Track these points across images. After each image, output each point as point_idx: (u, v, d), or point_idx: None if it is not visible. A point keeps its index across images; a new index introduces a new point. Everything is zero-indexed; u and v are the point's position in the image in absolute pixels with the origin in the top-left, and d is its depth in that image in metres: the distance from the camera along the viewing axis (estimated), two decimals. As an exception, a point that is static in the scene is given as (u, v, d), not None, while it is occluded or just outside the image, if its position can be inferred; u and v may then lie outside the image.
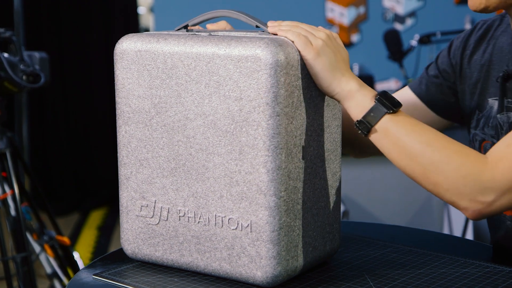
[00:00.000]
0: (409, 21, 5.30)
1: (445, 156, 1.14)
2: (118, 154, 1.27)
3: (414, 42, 3.68)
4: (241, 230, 1.15)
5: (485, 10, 1.27)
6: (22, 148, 4.04)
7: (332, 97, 1.19)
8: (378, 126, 1.16)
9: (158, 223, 1.23)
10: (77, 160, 4.85)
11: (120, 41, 1.24)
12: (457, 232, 3.22)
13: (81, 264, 2.68)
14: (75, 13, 4.79)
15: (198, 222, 1.19)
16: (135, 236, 1.26)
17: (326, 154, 1.22)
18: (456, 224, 3.28)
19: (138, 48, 1.21)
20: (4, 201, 2.42)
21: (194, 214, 1.20)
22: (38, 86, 2.42)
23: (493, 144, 1.35)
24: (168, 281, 1.19)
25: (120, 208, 1.28)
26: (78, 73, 4.83)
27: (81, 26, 4.80)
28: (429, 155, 1.14)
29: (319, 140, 1.20)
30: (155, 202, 1.23)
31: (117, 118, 1.25)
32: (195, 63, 1.16)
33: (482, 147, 1.39)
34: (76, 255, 2.68)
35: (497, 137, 1.36)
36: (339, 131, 1.25)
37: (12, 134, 2.50)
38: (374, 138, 1.17)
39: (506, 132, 1.33)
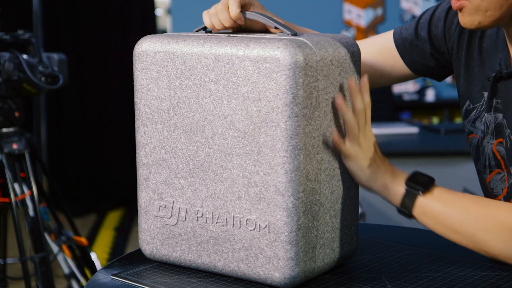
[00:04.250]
0: (427, 23, 5.25)
1: (482, 227, 1.18)
2: (136, 155, 1.27)
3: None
4: (259, 231, 1.15)
5: (478, 28, 1.22)
6: (40, 149, 4.07)
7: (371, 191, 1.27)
8: (415, 209, 1.21)
9: (176, 224, 1.24)
10: (94, 161, 4.87)
11: (139, 42, 1.24)
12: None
13: (98, 265, 2.69)
14: (93, 15, 4.82)
15: (216, 222, 1.19)
16: (153, 236, 1.27)
17: (344, 155, 1.21)
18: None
19: (157, 49, 1.21)
20: (23, 201, 2.43)
21: (212, 215, 1.20)
22: (56, 87, 2.43)
23: (480, 138, 1.33)
24: (186, 282, 1.19)
25: (138, 208, 1.28)
26: (95, 74, 4.86)
27: (98, 28, 4.83)
28: (467, 227, 1.19)
29: (338, 142, 1.20)
30: (173, 203, 1.24)
31: (136, 118, 1.26)
32: (214, 64, 1.16)
33: (469, 139, 1.38)
34: (93, 256, 2.70)
35: (484, 134, 1.33)
36: (357, 133, 1.25)
37: (31, 135, 2.52)
38: (419, 219, 1.23)
39: (492, 132, 1.31)
